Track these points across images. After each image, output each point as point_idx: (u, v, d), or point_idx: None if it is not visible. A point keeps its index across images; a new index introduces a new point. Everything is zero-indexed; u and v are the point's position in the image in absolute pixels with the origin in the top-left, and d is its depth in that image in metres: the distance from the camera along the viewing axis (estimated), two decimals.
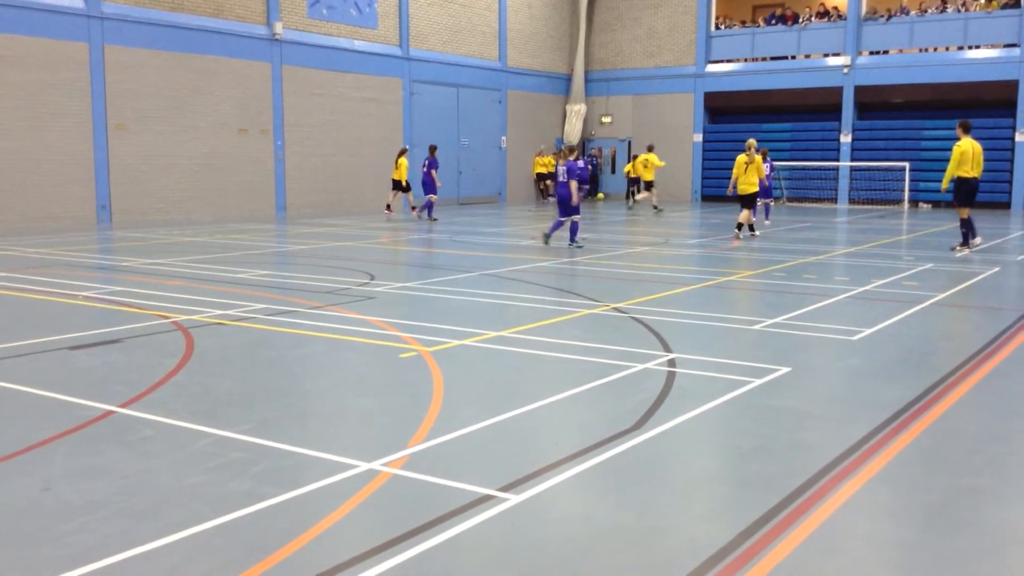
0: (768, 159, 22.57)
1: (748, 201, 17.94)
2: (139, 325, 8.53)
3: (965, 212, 15.42)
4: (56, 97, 20.29)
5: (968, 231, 15.56)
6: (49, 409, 5.80)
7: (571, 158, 16.24)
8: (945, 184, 15.31)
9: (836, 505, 4.27)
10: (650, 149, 27.83)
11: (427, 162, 22.69)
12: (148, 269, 12.71)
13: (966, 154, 15.09)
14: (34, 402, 5.96)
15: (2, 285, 11.10)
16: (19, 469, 4.72)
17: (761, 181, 18.68)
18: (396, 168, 23.42)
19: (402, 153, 23.70)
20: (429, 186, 22.60)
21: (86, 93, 20.80)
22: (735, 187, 18.05)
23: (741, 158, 18.10)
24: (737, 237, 17.77)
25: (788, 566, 3.65)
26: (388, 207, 24.01)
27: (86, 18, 20.65)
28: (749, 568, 3.63)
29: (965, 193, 15.28)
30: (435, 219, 22.74)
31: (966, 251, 15.46)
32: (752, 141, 18.45)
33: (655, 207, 26.74)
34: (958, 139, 15.28)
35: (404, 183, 23.24)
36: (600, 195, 34.70)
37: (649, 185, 27.28)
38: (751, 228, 18.26)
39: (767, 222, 21.96)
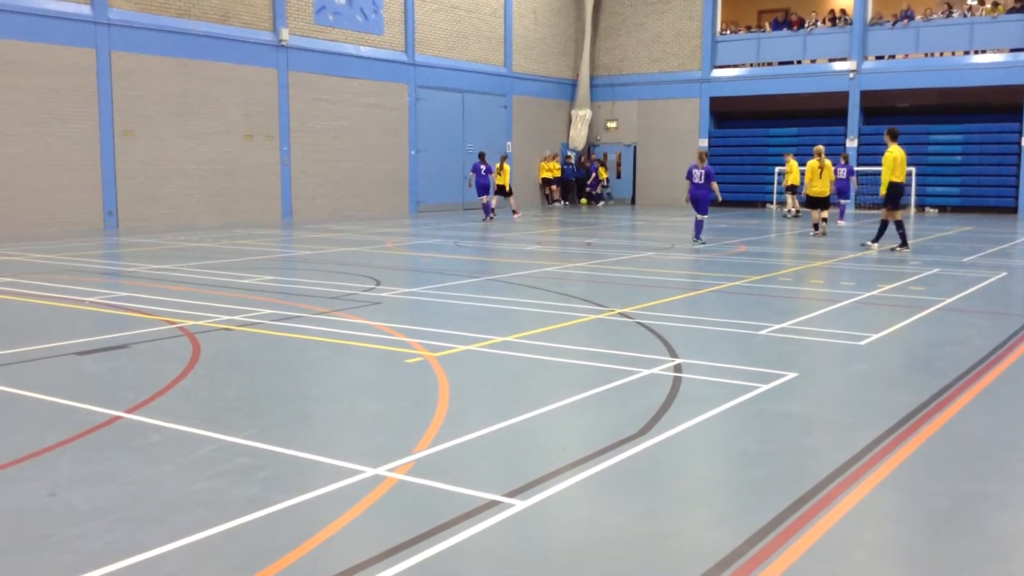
0: (847, 163, 24.04)
1: (823, 203, 19.60)
2: (145, 331, 8.54)
3: (898, 215, 16.46)
4: (63, 103, 20.36)
5: (881, 231, 16.68)
6: (55, 414, 5.80)
7: (706, 162, 17.90)
8: (884, 190, 16.38)
9: (843, 511, 4.26)
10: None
11: (485, 168, 24.66)
12: (154, 275, 12.73)
13: (897, 160, 16.10)
14: (40, 407, 5.97)
15: (9, 291, 11.13)
16: (25, 474, 4.73)
17: (841, 182, 19.89)
18: (499, 174, 25.84)
19: (504, 159, 26.40)
20: (488, 188, 24.77)
21: (93, 99, 20.87)
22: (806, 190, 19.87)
23: (813, 163, 19.61)
24: (816, 233, 19.42)
25: (795, 572, 3.64)
26: (514, 212, 26.46)
27: (93, 24, 20.72)
28: (756, 574, 3.61)
29: (895, 196, 16.36)
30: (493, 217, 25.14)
31: (871, 243, 16.72)
32: (820, 147, 19.87)
33: (790, 214, 25.85)
34: (887, 146, 16.36)
35: (508, 188, 25.85)
36: (583, 200, 34.47)
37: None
38: (815, 227, 19.57)
39: (842, 222, 23.17)
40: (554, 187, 33.56)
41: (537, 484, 4.53)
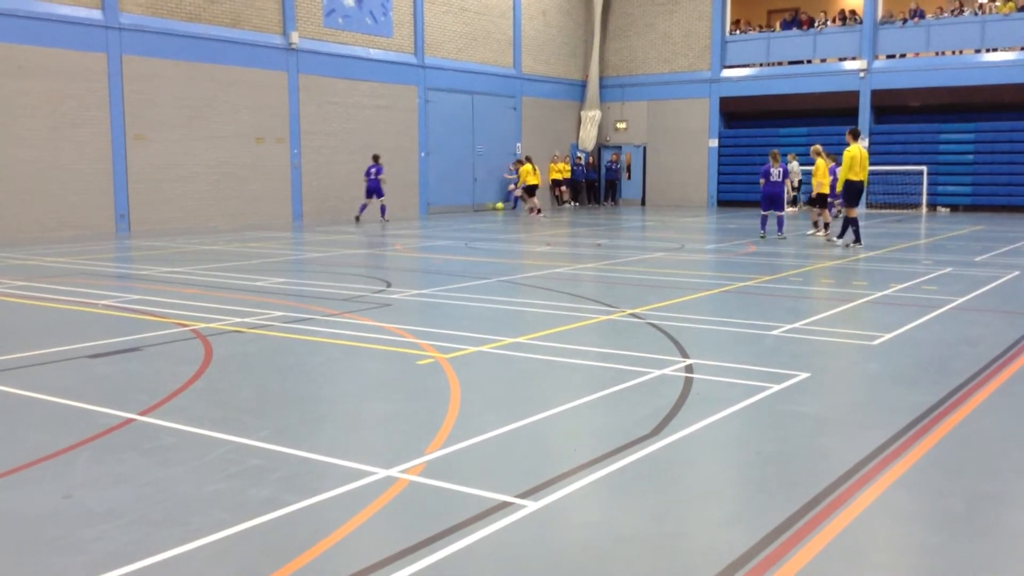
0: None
1: (826, 202, 19.83)
2: (158, 333, 8.58)
3: (853, 212, 16.98)
4: (75, 107, 20.46)
5: (855, 228, 17.03)
6: (70, 417, 5.83)
7: (781, 161, 18.88)
8: (840, 187, 17.08)
9: (857, 511, 4.24)
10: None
11: (375, 169, 24.37)
12: (166, 277, 12.78)
13: (855, 159, 16.66)
14: (55, 410, 6.00)
15: (22, 294, 11.19)
16: (40, 477, 4.75)
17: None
18: (533, 174, 27.05)
19: (529, 160, 27.87)
20: (379, 191, 24.39)
21: (104, 103, 20.97)
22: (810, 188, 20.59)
23: (823, 163, 19.68)
24: (818, 233, 19.55)
25: (809, 572, 3.63)
26: (538, 211, 27.43)
27: (104, 29, 20.83)
28: (770, 574, 3.61)
29: (852, 194, 16.87)
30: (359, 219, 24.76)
31: (852, 244, 16.93)
32: (818, 146, 20.23)
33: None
34: (847, 144, 16.90)
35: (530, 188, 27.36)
36: (499, 204, 31.44)
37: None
38: (816, 225, 19.81)
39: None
40: (564, 188, 33.55)
41: (549, 485, 4.53)
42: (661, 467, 4.88)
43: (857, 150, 16.71)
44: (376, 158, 24.60)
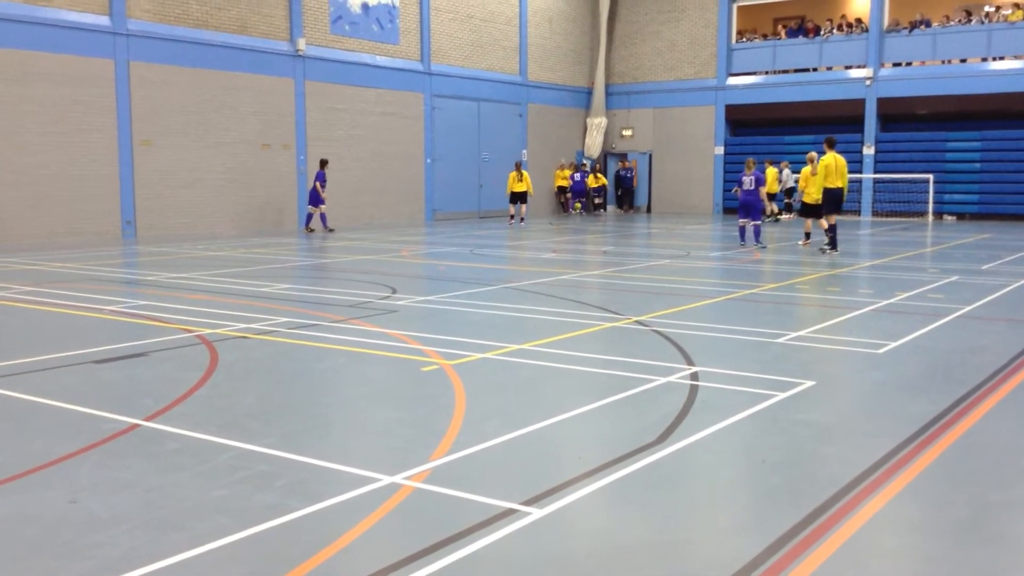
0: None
1: (818, 211, 19.12)
2: (164, 339, 8.59)
3: (831, 219, 17.13)
4: (82, 113, 20.53)
5: (833, 235, 17.12)
6: (75, 422, 5.84)
7: (755, 169, 18.65)
8: (818, 195, 17.33)
9: (863, 520, 4.23)
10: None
11: (316, 175, 23.57)
12: (172, 283, 12.81)
13: (830, 167, 16.99)
14: (60, 416, 6.01)
15: (28, 299, 11.22)
16: (46, 482, 4.76)
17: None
18: (521, 181, 26.60)
19: (519, 166, 27.50)
20: (316, 198, 23.48)
21: (111, 109, 21.04)
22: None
23: (807, 170, 19.55)
24: (807, 242, 18.89)
25: None
26: (513, 218, 27.17)
27: (112, 35, 20.90)
28: None
29: (830, 202, 17.13)
30: (313, 229, 23.79)
31: (834, 253, 16.94)
32: (813, 154, 19.77)
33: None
34: (824, 153, 17.17)
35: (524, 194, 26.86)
36: (577, 204, 31.59)
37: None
38: (807, 236, 19.08)
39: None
40: (569, 195, 33.55)
41: (554, 492, 4.52)
42: (666, 475, 4.87)
43: (832, 158, 17.03)
44: (322, 163, 23.48)
